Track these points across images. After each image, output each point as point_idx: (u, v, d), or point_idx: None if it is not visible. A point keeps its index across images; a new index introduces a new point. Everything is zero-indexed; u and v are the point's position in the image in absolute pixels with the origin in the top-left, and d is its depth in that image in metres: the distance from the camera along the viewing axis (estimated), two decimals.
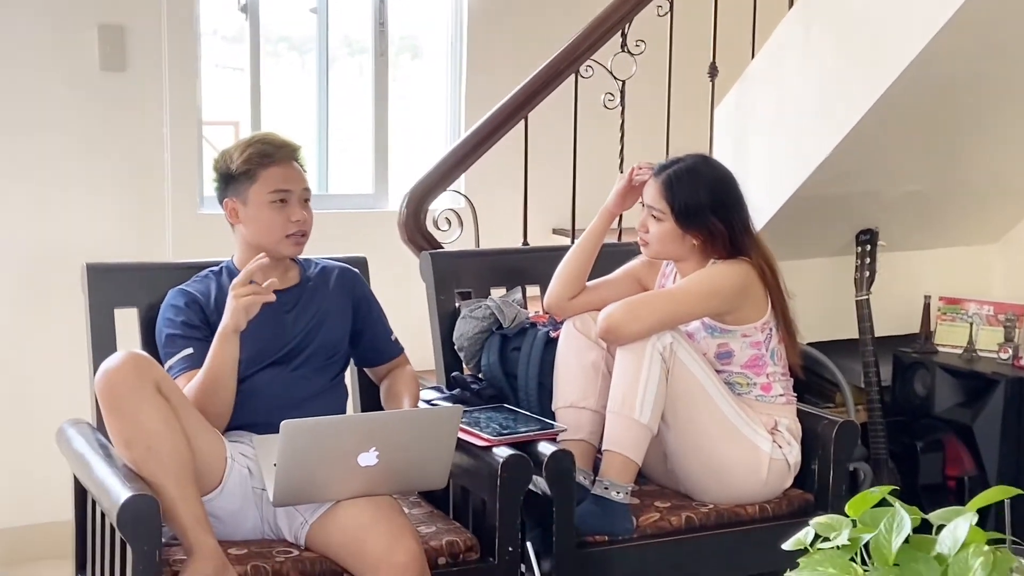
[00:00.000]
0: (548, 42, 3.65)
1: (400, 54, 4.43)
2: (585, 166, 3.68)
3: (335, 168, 4.42)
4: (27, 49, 3.70)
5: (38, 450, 3.18)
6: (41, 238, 3.75)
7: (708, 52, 3.72)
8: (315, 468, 2.42)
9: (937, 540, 1.59)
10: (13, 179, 3.72)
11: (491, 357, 3.06)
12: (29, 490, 3.68)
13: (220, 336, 2.54)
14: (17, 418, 3.71)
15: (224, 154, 2.76)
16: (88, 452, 2.56)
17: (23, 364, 3.74)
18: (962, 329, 3.83)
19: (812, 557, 1.61)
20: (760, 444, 2.82)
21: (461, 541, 2.59)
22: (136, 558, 2.28)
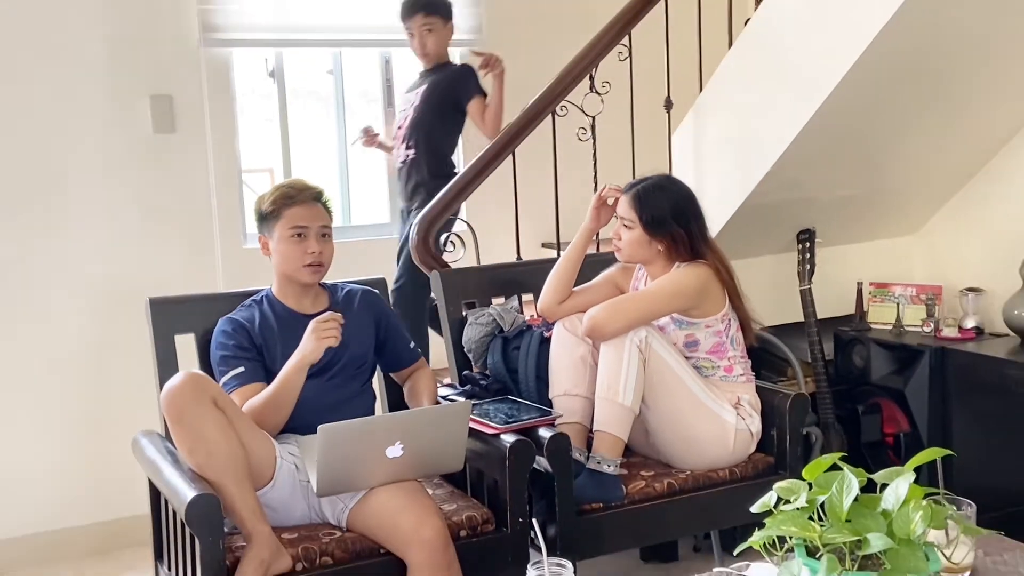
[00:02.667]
0: (527, 88, 3.62)
1: None
2: (565, 189, 3.65)
3: (356, 202, 4.39)
4: (92, 117, 3.67)
5: (118, 456, 3.14)
6: (111, 276, 3.72)
7: (663, 88, 3.68)
8: (350, 462, 2.39)
9: (882, 498, 1.57)
10: (86, 227, 3.69)
11: (495, 357, 3.03)
12: (112, 490, 3.65)
13: (297, 366, 2.52)
14: (99, 430, 3.68)
15: (260, 198, 2.74)
16: (158, 458, 2.54)
17: (102, 384, 3.71)
18: (890, 309, 3.80)
19: (776, 517, 1.58)
20: (726, 417, 2.79)
21: (478, 515, 2.57)
22: (203, 547, 2.26)
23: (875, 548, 1.46)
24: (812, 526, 1.53)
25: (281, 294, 2.75)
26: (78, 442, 3.68)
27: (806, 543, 1.56)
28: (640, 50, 3.60)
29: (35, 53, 3.56)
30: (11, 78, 3.53)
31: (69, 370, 3.67)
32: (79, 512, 3.67)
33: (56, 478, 3.65)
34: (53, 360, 3.65)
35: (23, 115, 3.56)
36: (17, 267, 3.59)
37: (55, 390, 3.65)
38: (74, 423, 3.68)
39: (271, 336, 2.68)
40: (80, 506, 3.67)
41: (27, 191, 3.59)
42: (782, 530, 1.55)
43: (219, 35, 3.77)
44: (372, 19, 4.05)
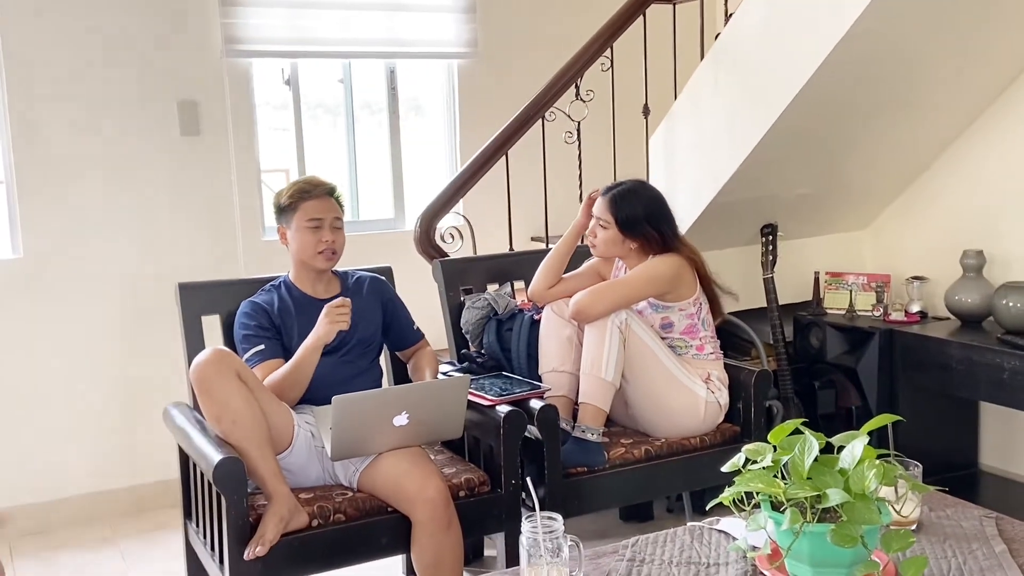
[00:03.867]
0: (519, 96, 3.61)
1: (408, 112, 4.39)
2: (553, 188, 3.66)
3: (363, 199, 4.38)
4: (124, 121, 3.65)
5: (150, 426, 3.14)
6: (144, 264, 3.71)
7: (642, 96, 3.69)
8: (361, 430, 2.39)
9: (839, 458, 1.58)
10: (120, 221, 3.67)
11: (490, 337, 3.04)
12: (144, 456, 3.64)
13: (312, 346, 2.52)
14: (133, 402, 3.67)
15: (278, 193, 2.73)
16: (187, 426, 2.53)
17: (135, 361, 3.69)
18: (844, 295, 3.81)
19: (744, 476, 1.60)
20: (697, 391, 2.80)
21: (476, 478, 2.57)
22: (229, 505, 2.26)
23: (833, 502, 1.47)
24: (777, 483, 1.55)
25: (297, 280, 2.75)
26: (114, 413, 3.67)
27: (771, 499, 1.57)
28: (621, 61, 3.60)
29: (73, 61, 3.54)
30: (53, 85, 3.51)
31: (106, 349, 3.66)
32: (115, 476, 3.66)
33: (94, 446, 3.64)
34: (92, 339, 3.63)
35: (63, 119, 3.54)
36: (61, 257, 3.57)
37: (93, 366, 3.64)
38: (110, 396, 3.67)
39: (288, 317, 2.68)
40: (115, 471, 3.66)
41: (67, 187, 3.57)
42: (750, 487, 1.56)
43: (240, 46, 3.75)
44: (379, 32, 4.04)
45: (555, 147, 3.62)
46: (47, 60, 3.50)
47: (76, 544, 3.41)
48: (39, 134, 3.51)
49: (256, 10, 3.76)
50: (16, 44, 3.44)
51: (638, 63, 3.65)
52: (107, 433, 3.66)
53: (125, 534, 3.48)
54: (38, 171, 3.52)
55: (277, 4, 3.80)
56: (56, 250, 3.57)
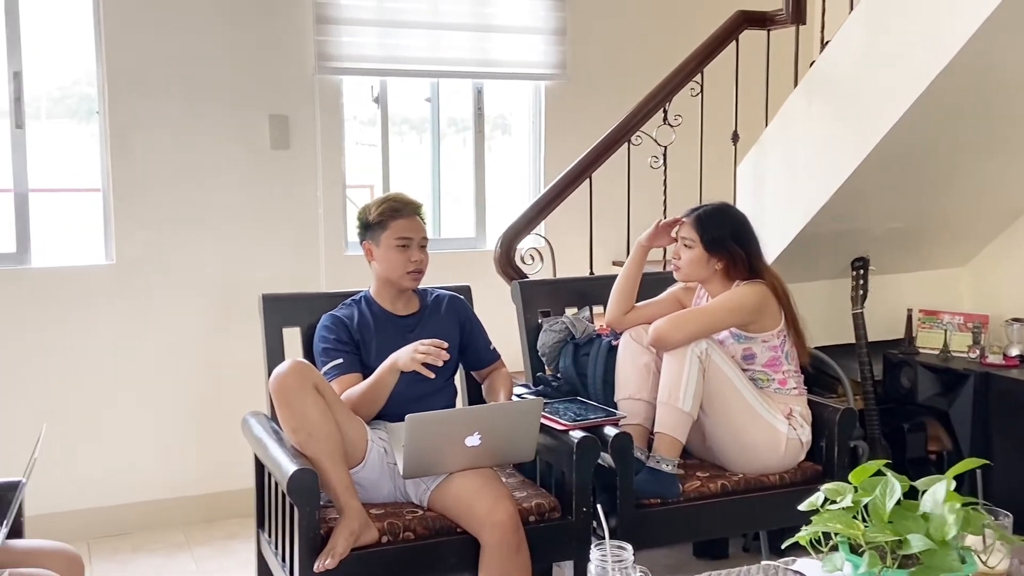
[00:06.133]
0: (605, 119, 3.64)
1: (492, 131, 4.46)
2: (636, 213, 3.67)
3: (445, 217, 4.46)
4: (216, 133, 3.79)
5: (228, 434, 3.23)
6: (229, 274, 3.83)
7: (731, 122, 3.68)
8: (433, 449, 2.43)
9: (921, 502, 1.56)
10: (209, 232, 3.81)
11: (566, 361, 3.05)
12: (221, 464, 3.74)
13: (390, 369, 2.56)
14: (212, 410, 3.79)
15: (365, 208, 2.80)
16: (264, 436, 2.61)
17: (216, 370, 3.81)
18: (938, 335, 3.72)
19: (823, 515, 1.58)
20: (778, 426, 2.77)
21: (547, 503, 2.59)
22: (301, 516, 2.32)
23: (915, 548, 1.45)
24: (856, 525, 1.53)
25: (378, 296, 2.82)
26: (193, 420, 3.79)
27: (850, 541, 1.55)
28: (711, 86, 3.61)
29: (171, 75, 3.70)
30: (150, 98, 3.67)
31: (188, 356, 3.79)
32: (191, 483, 3.78)
33: (172, 453, 3.77)
34: (175, 346, 3.77)
35: (159, 130, 3.70)
36: (150, 264, 3.72)
37: (175, 373, 3.77)
38: (190, 403, 3.79)
39: (367, 333, 2.74)
40: (192, 478, 3.78)
41: (159, 197, 3.73)
42: (828, 527, 1.55)
43: (332, 64, 3.88)
44: (468, 52, 4.12)
45: (640, 171, 3.64)
46: (146, 74, 3.67)
47: (151, 548, 3.54)
48: (135, 145, 3.67)
49: (348, 28, 3.88)
50: (119, 59, 3.62)
51: (729, 89, 3.65)
52: (185, 440, 3.79)
53: (198, 540, 3.59)
54: (132, 180, 3.68)
55: (369, 23, 3.92)
56: (146, 257, 3.72)
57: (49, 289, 3.60)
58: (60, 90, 3.93)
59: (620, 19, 4.38)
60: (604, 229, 3.73)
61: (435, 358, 2.49)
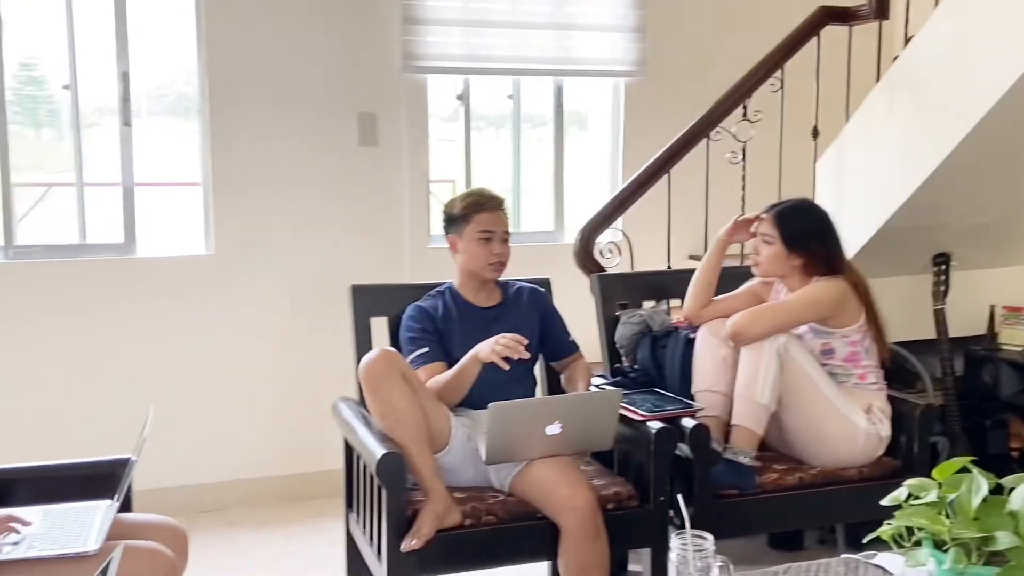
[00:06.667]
0: (684, 114, 3.61)
1: (571, 126, 4.45)
2: (714, 208, 3.62)
3: (525, 211, 4.47)
4: (308, 132, 3.87)
5: (318, 418, 3.30)
6: (319, 267, 3.90)
7: (811, 118, 3.61)
8: (514, 436, 2.45)
9: (1009, 499, 1.51)
10: (300, 224, 3.88)
11: (644, 353, 3.04)
12: (312, 447, 3.81)
13: (472, 358, 2.57)
14: (303, 395, 3.86)
15: (450, 202, 2.83)
16: (354, 421, 2.66)
17: (308, 357, 3.88)
18: (1021, 331, 3.60)
19: (906, 511, 1.55)
20: (856, 421, 2.71)
21: (624, 491, 2.58)
22: (389, 498, 2.36)
23: (1002, 546, 1.41)
24: (941, 521, 1.49)
25: (462, 288, 2.84)
26: (285, 405, 3.88)
27: (934, 537, 1.51)
28: (792, 82, 3.54)
29: (267, 73, 3.79)
30: (248, 96, 3.76)
31: (281, 343, 3.88)
32: (283, 463, 3.87)
33: (264, 434, 3.87)
34: (269, 334, 3.86)
35: (255, 127, 3.78)
36: (246, 255, 3.82)
37: (269, 359, 3.87)
38: (282, 387, 3.88)
39: (451, 323, 2.77)
40: (284, 459, 3.87)
41: (255, 191, 3.82)
42: (912, 522, 1.52)
43: (418, 63, 3.92)
44: (549, 51, 4.12)
45: (719, 167, 3.59)
46: (243, 74, 3.76)
47: (246, 523, 3.64)
48: (233, 141, 3.77)
49: (434, 28, 3.91)
50: (218, 60, 3.72)
51: (810, 84, 3.58)
52: (278, 423, 3.88)
53: (289, 518, 3.68)
54: (230, 175, 3.78)
55: (454, 23, 3.95)
56: (242, 248, 3.82)
57: (153, 277, 3.72)
58: (158, 89, 4.05)
59: (699, 16, 4.33)
60: (681, 224, 3.70)
61: (514, 352, 2.50)
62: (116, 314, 3.67)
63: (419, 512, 2.39)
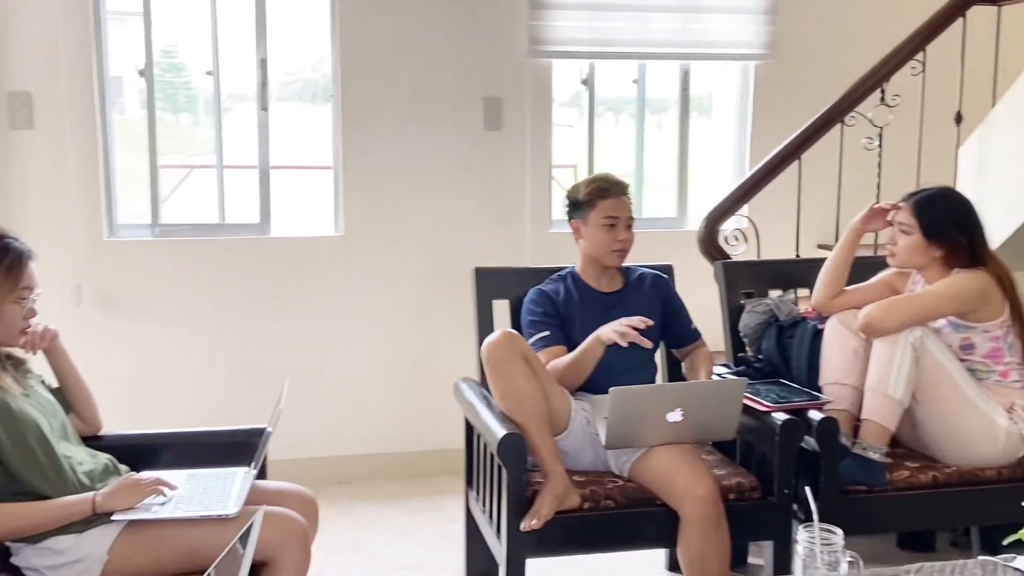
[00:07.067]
0: (816, 99, 3.50)
1: (694, 111, 4.37)
2: (847, 195, 3.51)
3: (647, 197, 4.43)
4: (435, 116, 3.92)
5: (440, 397, 3.36)
6: (443, 250, 3.97)
7: (954, 102, 3.44)
8: (635, 422, 2.44)
9: None
10: (425, 207, 3.95)
11: (770, 343, 2.97)
12: (434, 425, 3.89)
13: (595, 343, 2.58)
14: (426, 374, 3.94)
15: (574, 187, 2.83)
16: (475, 401, 2.70)
17: (430, 336, 3.96)
18: None
19: None
20: (997, 419, 2.59)
21: (747, 483, 2.54)
22: (509, 478, 2.39)
23: None
24: None
25: (584, 273, 2.84)
26: (409, 383, 3.98)
27: None
28: (934, 65, 3.38)
29: (396, 59, 3.87)
30: (378, 81, 3.85)
31: (406, 322, 3.97)
32: (406, 440, 3.97)
33: (389, 412, 3.97)
34: (394, 313, 3.96)
35: (384, 111, 3.87)
36: (372, 236, 3.92)
37: (394, 338, 3.96)
38: (406, 366, 3.97)
39: (572, 307, 2.78)
40: (406, 436, 3.97)
41: (382, 174, 3.91)
42: None
43: (544, 47, 3.93)
44: (675, 34, 4.06)
45: (853, 153, 3.47)
46: (374, 60, 3.85)
47: (369, 496, 3.75)
48: (363, 125, 3.87)
49: (560, 12, 3.91)
50: (351, 46, 3.82)
51: (953, 67, 3.41)
52: (402, 400, 3.98)
53: (411, 493, 3.78)
54: (360, 158, 3.89)
55: (579, 7, 3.94)
56: (369, 230, 3.92)
57: (286, 257, 3.87)
58: (287, 76, 4.18)
59: None
60: (811, 212, 3.60)
61: (635, 336, 2.49)
62: (252, 290, 3.84)
63: (538, 493, 2.41)
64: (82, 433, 2.25)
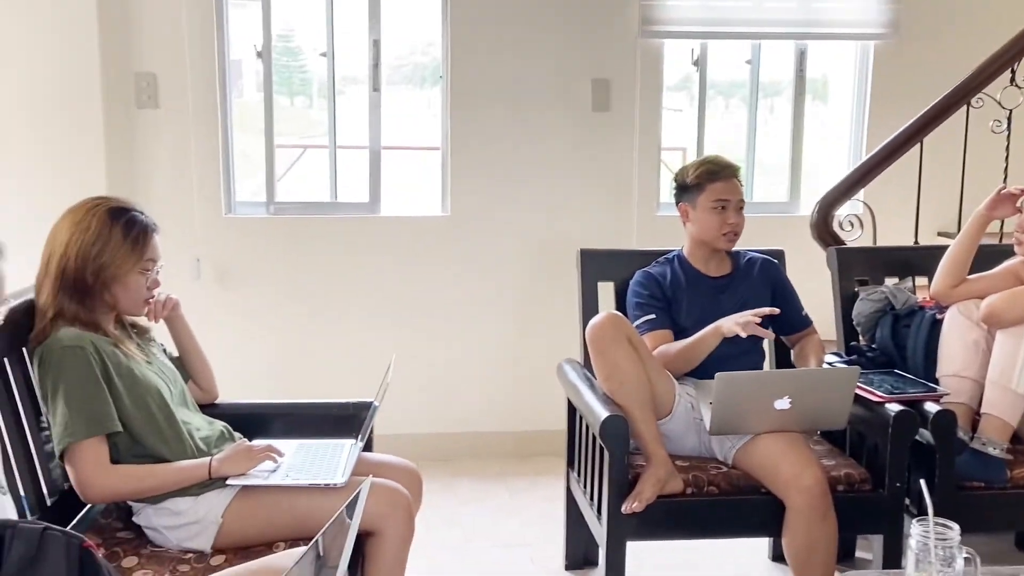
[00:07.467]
0: (939, 80, 3.35)
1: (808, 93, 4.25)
2: (971, 180, 3.35)
3: (757, 181, 4.33)
4: (543, 97, 3.91)
5: (542, 378, 3.39)
6: (549, 231, 3.97)
7: None
8: (741, 408, 2.40)
9: None
10: (531, 189, 3.96)
11: (884, 332, 2.88)
12: (534, 405, 3.92)
13: (713, 334, 2.55)
14: (529, 354, 3.97)
15: (683, 170, 2.79)
16: (578, 382, 2.70)
17: (534, 316, 3.98)
18: None
19: None
20: None
21: (856, 474, 2.48)
22: (611, 460, 2.39)
23: None
24: None
25: (691, 256, 2.81)
26: (511, 363, 4.01)
27: None
28: None
29: (504, 40, 3.87)
30: (485, 63, 3.87)
31: (510, 303, 3.99)
32: (507, 420, 4.00)
33: (491, 391, 4.01)
34: (499, 293, 3.99)
35: (491, 91, 3.89)
36: (478, 217, 3.96)
37: (498, 318, 4.00)
38: (509, 347, 4.01)
39: (679, 291, 2.75)
40: (507, 415, 4.01)
41: (489, 155, 3.93)
42: None
43: (655, 27, 3.87)
44: (792, 13, 3.95)
45: (979, 136, 3.31)
46: (484, 39, 3.87)
47: (470, 474, 3.81)
48: (471, 107, 3.90)
49: None
50: (462, 24, 3.84)
51: None
52: (504, 380, 4.01)
53: (511, 472, 3.81)
54: (467, 140, 3.92)
55: None
56: (476, 210, 3.96)
57: (394, 236, 3.94)
58: (397, 59, 4.23)
59: None
60: (932, 197, 3.46)
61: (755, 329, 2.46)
62: (361, 268, 3.92)
63: (640, 476, 2.40)
64: (199, 401, 2.34)
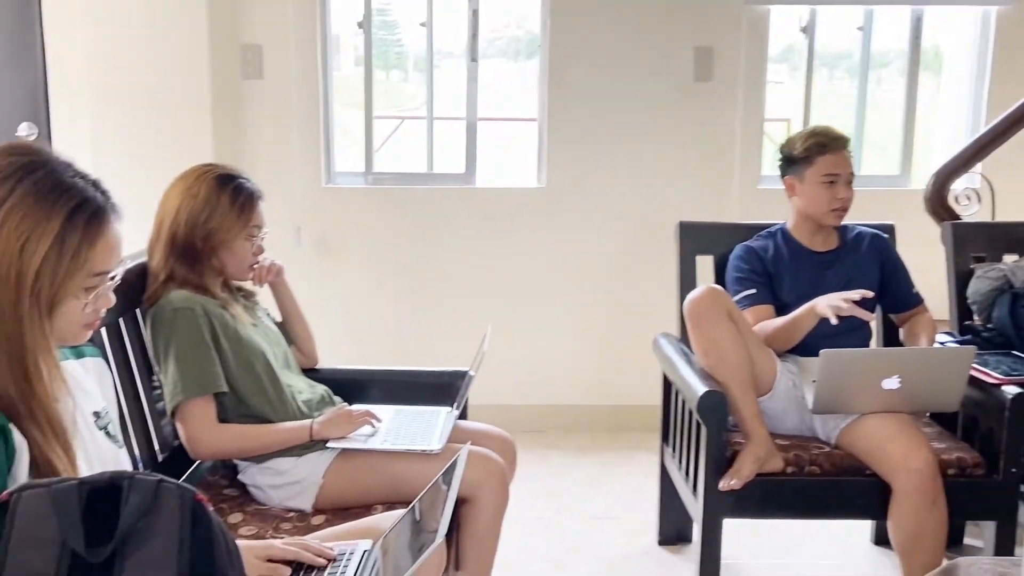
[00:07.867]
0: None
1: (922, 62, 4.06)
2: None
3: (867, 153, 4.17)
4: (644, 67, 3.84)
5: (637, 352, 3.34)
6: (647, 203, 3.91)
7: None
8: (846, 387, 2.34)
9: None
10: (629, 160, 3.89)
11: (1002, 311, 2.74)
12: (628, 379, 3.88)
13: (810, 313, 2.45)
14: (623, 327, 3.93)
15: (789, 141, 2.70)
16: (675, 357, 2.66)
17: (632, 291, 3.92)
18: None
19: None
20: None
21: (969, 458, 2.38)
22: (708, 436, 2.35)
23: None
24: None
25: (796, 231, 2.72)
26: (605, 336, 3.97)
27: None
28: None
29: (605, 10, 3.80)
30: (585, 34, 3.82)
31: (605, 275, 3.95)
32: (600, 393, 3.98)
33: (585, 364, 3.99)
34: (594, 266, 3.95)
35: (590, 63, 3.83)
36: (575, 189, 3.92)
37: (594, 291, 3.96)
38: (604, 320, 3.97)
39: (781, 266, 2.67)
40: (602, 389, 3.98)
41: (587, 126, 3.87)
42: None
43: None
44: None
45: None
46: (582, 9, 3.81)
47: (562, 446, 3.80)
48: (569, 78, 3.85)
49: None
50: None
51: None
52: (598, 353, 3.98)
53: (604, 446, 3.79)
54: (565, 111, 3.88)
55: None
56: (572, 182, 3.92)
57: (490, 207, 3.94)
58: (492, 32, 4.22)
59: None
60: None
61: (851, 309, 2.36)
62: (457, 238, 3.94)
63: (739, 453, 2.35)
64: (301, 365, 2.39)
